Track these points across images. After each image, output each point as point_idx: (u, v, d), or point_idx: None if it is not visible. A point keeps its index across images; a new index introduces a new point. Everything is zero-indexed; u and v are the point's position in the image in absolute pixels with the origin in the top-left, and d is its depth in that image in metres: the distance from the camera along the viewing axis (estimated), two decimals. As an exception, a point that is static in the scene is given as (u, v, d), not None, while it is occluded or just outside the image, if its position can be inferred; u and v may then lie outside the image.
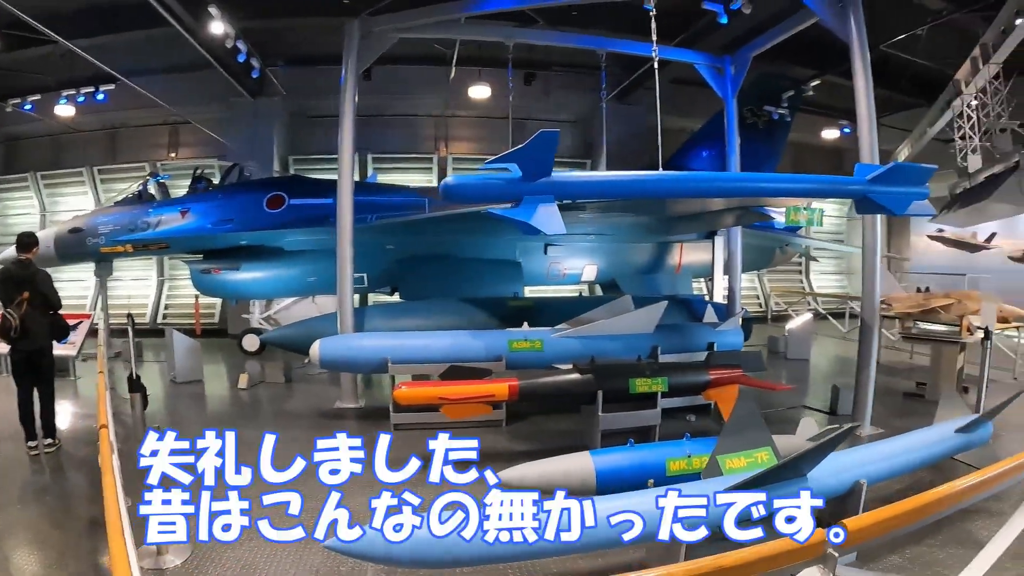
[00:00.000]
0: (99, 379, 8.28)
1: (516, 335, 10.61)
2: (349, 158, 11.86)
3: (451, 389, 8.51)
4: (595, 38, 13.93)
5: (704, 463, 6.00)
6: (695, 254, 17.61)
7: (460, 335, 10.78)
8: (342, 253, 11.66)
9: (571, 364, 9.25)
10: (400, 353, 10.38)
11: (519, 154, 7.13)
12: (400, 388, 8.44)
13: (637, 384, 8.89)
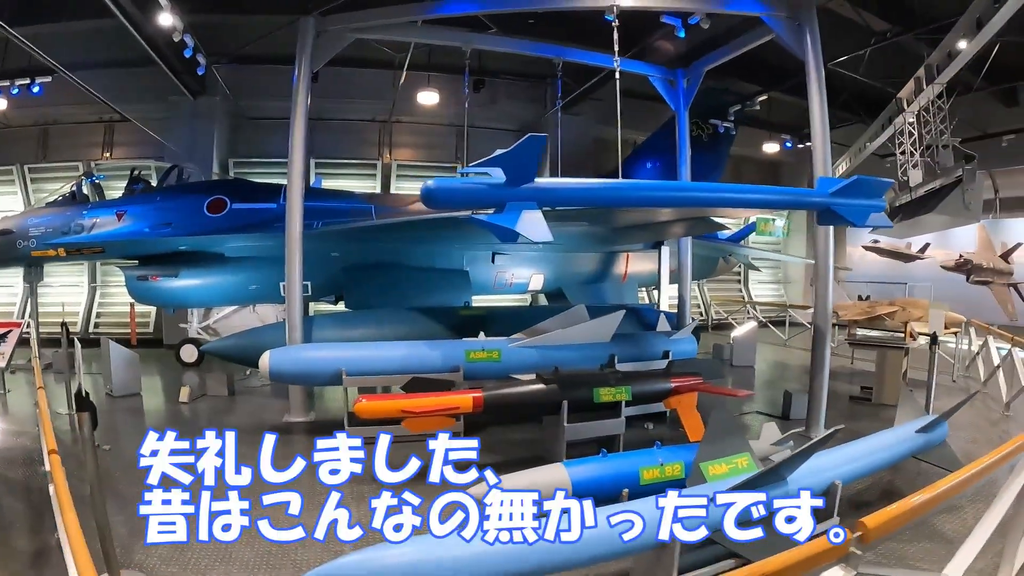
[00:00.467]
0: (39, 395, 7.73)
1: (474, 345, 10.38)
2: (300, 161, 11.51)
3: (414, 402, 8.23)
4: (552, 46, 13.62)
5: (676, 471, 6.31)
6: (641, 264, 17.62)
7: (416, 345, 10.46)
8: (291, 260, 11.30)
9: (534, 374, 9.03)
10: (355, 364, 10.05)
11: (505, 158, 6.86)
12: (361, 401, 8.07)
13: (601, 393, 8.81)
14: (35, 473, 8.32)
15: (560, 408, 8.62)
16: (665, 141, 18.04)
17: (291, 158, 11.33)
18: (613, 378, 9.14)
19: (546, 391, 8.65)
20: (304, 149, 11.44)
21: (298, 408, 11.29)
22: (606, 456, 6.45)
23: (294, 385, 11.09)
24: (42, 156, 19.50)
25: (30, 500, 7.49)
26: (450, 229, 13.65)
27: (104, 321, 19.35)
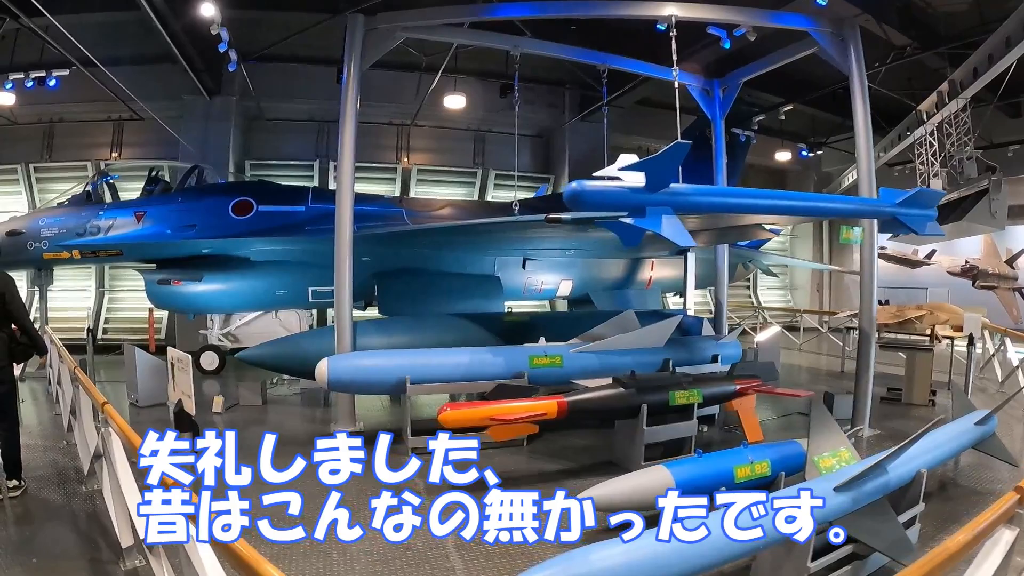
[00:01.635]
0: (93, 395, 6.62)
1: (536, 351, 9.67)
2: (350, 164, 10.51)
3: (501, 409, 7.62)
4: (597, 53, 12.86)
5: (764, 468, 6.41)
6: (664, 270, 16.98)
7: (479, 351, 9.68)
8: (340, 265, 10.33)
9: (610, 379, 8.56)
10: (420, 371, 9.14)
11: (649, 164, 6.47)
12: (447, 410, 7.44)
13: (676, 396, 8.49)
14: (77, 493, 7.40)
15: (638, 412, 8.24)
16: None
17: (341, 160, 10.45)
18: (685, 381, 8.82)
19: (626, 395, 8.26)
20: (353, 151, 10.56)
21: (345, 418, 10.37)
22: (702, 456, 6.40)
23: (351, 394, 10.18)
24: (48, 155, 18.23)
25: (77, 525, 6.65)
26: (484, 234, 12.88)
27: (113, 327, 18.06)
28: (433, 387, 9.39)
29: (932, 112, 16.07)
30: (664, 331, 10.20)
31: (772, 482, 6.46)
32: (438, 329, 11.46)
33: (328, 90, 17.51)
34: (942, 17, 15.87)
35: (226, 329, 14.84)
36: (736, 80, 13.54)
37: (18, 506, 7.04)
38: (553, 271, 15.45)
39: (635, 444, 8.29)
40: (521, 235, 12.90)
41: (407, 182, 19.11)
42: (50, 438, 9.64)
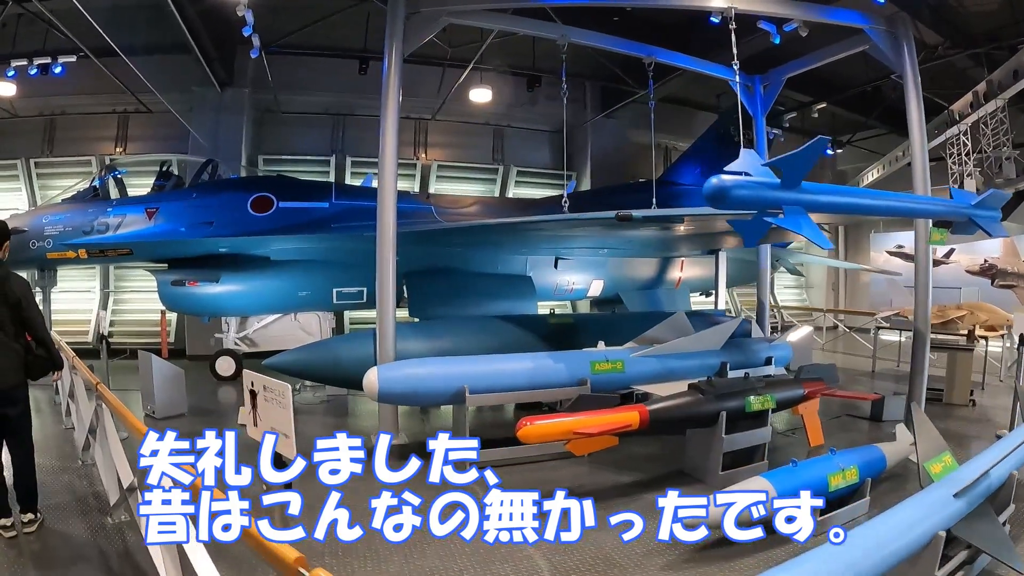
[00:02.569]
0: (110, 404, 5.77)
1: (597, 356, 8.90)
2: (392, 156, 9.27)
3: (584, 421, 6.80)
4: (646, 46, 11.92)
5: (852, 475, 6.29)
6: (692, 269, 16.02)
7: (540, 357, 8.81)
8: (383, 266, 9.18)
9: (686, 385, 7.90)
10: (479, 380, 8.21)
11: (790, 160, 5.83)
12: (527, 424, 6.54)
13: (752, 402, 7.80)
14: (102, 527, 6.27)
15: (716, 419, 7.52)
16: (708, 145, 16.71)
17: (383, 156, 9.21)
18: (760, 387, 8.14)
19: (705, 402, 7.55)
20: (395, 146, 9.28)
21: (387, 427, 9.15)
22: (797, 465, 6.06)
23: (401, 405, 9.11)
24: (49, 150, 16.80)
25: (105, 563, 5.64)
26: (520, 233, 11.83)
27: (118, 330, 16.65)
28: (494, 397, 8.49)
29: (966, 112, 15.68)
30: (723, 334, 9.59)
31: (858, 488, 6.45)
32: (481, 332, 10.60)
33: (345, 83, 16.49)
34: (972, 16, 15.11)
35: (243, 333, 13.59)
36: (779, 76, 12.86)
37: (35, 542, 5.92)
38: (584, 271, 14.44)
39: (712, 453, 7.59)
40: (556, 233, 11.87)
41: (426, 178, 17.88)
42: (63, 457, 8.49)
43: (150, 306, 16.57)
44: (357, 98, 16.75)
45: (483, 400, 8.41)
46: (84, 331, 16.32)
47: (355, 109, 17.31)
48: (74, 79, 15.14)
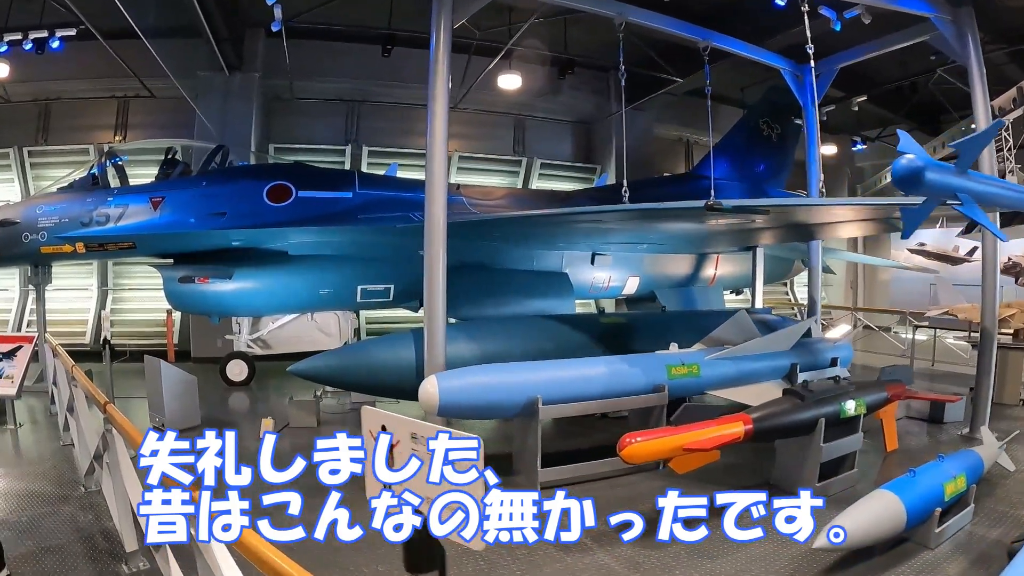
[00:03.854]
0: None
1: (672, 359, 7.97)
2: (442, 141, 7.81)
3: (691, 436, 6.06)
4: (703, 29, 10.75)
5: (961, 484, 5.79)
6: (727, 266, 14.69)
7: (614, 362, 7.74)
8: (432, 264, 7.85)
9: (780, 391, 7.53)
10: (552, 389, 7.06)
11: (969, 144, 5.27)
12: (631, 442, 5.79)
13: (847, 408, 7.07)
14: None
15: (813, 427, 6.71)
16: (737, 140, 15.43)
17: (432, 137, 7.77)
18: (852, 391, 7.43)
19: (805, 408, 6.77)
20: (445, 125, 7.79)
21: None
22: (915, 475, 5.57)
23: (463, 419, 7.81)
24: (43, 138, 15.12)
25: None
26: (565, 226, 10.57)
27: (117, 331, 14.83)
28: (570, 408, 7.25)
29: (1008, 108, 14.45)
30: (793, 335, 8.69)
31: (965, 495, 5.92)
32: (530, 334, 9.18)
33: (362, 68, 14.99)
34: (1005, 11, 14.03)
35: (255, 334, 11.97)
36: (831, 66, 11.76)
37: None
38: (621, 267, 12.99)
39: (807, 463, 6.79)
40: (596, 227, 10.56)
41: (448, 169, 16.19)
42: (62, 482, 7.04)
43: (151, 305, 15.01)
44: (374, 84, 15.27)
45: (557, 412, 7.16)
46: (81, 332, 14.68)
47: (372, 96, 15.80)
48: (71, 62, 13.70)
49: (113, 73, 14.13)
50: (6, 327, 14.64)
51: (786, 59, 12.33)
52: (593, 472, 7.04)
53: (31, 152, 14.80)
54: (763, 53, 11.93)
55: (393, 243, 10.73)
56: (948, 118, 18.85)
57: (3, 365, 9.32)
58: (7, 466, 7.51)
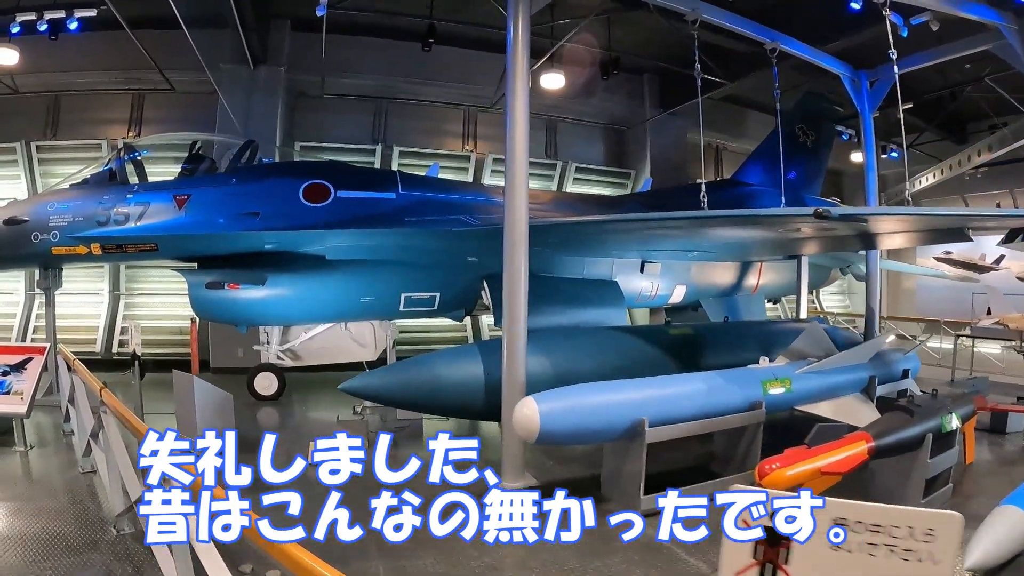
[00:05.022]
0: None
1: (766, 373, 7.28)
2: (523, 138, 6.83)
3: (824, 458, 5.42)
4: (769, 30, 10.21)
5: None
6: (768, 275, 13.73)
7: (712, 378, 6.97)
8: (513, 273, 6.95)
9: (863, 403, 7.48)
10: (656, 409, 6.21)
11: None
12: (771, 469, 5.16)
13: (947, 421, 6.52)
14: None
15: (920, 443, 6.08)
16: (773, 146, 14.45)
17: (512, 133, 6.77)
18: (950, 404, 6.85)
19: (914, 424, 6.18)
20: (526, 130, 6.83)
21: (513, 468, 6.71)
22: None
23: (563, 445, 6.89)
24: (53, 132, 13.68)
25: None
26: (618, 232, 9.65)
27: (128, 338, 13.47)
28: (674, 429, 6.34)
29: None
30: (873, 347, 8.35)
31: None
32: (600, 347, 8.24)
33: (390, 65, 13.78)
34: None
35: (286, 344, 10.65)
36: (889, 73, 10.77)
37: None
38: (669, 275, 11.90)
39: (912, 480, 6.15)
40: (648, 234, 9.65)
41: (479, 172, 15.10)
42: (87, 522, 5.72)
43: (167, 311, 13.65)
44: (404, 82, 14.05)
45: (663, 434, 6.22)
46: (91, 339, 13.27)
47: (401, 94, 14.56)
48: (83, 52, 12.55)
49: (127, 65, 12.92)
50: (10, 333, 13.25)
51: (844, 64, 11.73)
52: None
53: (39, 147, 13.35)
54: (824, 57, 11.30)
55: (441, 248, 9.56)
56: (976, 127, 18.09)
57: (11, 379, 8.02)
58: (18, 500, 6.19)
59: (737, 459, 6.98)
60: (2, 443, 7.81)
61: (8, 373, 8.05)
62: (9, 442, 7.75)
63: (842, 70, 11.57)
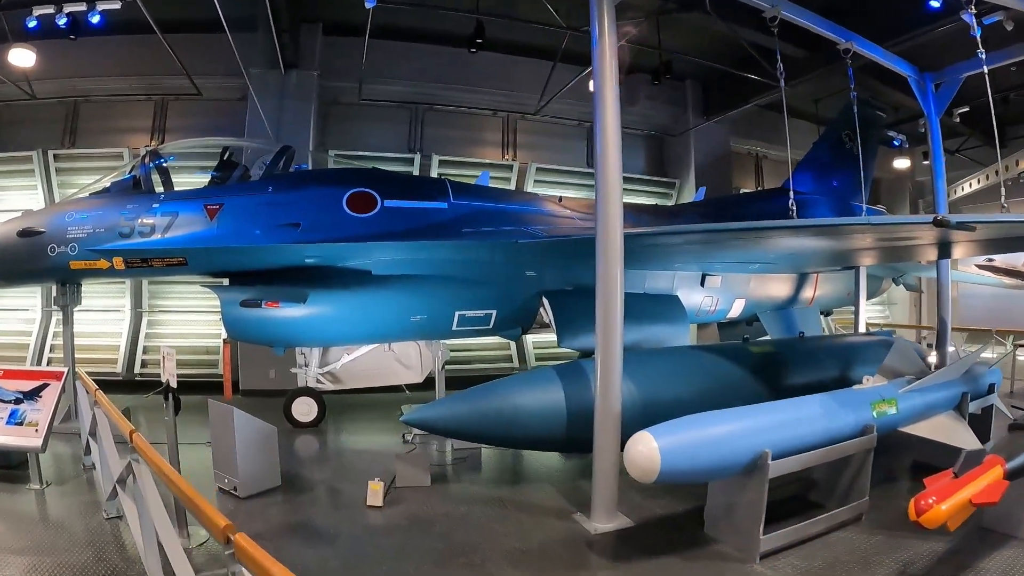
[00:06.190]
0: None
1: (872, 394, 6.39)
2: (615, 144, 5.82)
3: (974, 488, 4.64)
4: (844, 30, 9.05)
5: None
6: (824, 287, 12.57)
7: (825, 401, 5.97)
8: (608, 288, 5.86)
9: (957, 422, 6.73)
10: (779, 439, 5.26)
11: None
12: (929, 505, 4.35)
13: None
14: None
15: None
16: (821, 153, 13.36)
17: (603, 138, 5.80)
18: None
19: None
20: (618, 135, 5.81)
21: (604, 509, 5.75)
22: None
23: (683, 485, 5.69)
24: (71, 141, 12.42)
25: None
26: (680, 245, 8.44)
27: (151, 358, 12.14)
28: (797, 460, 5.35)
29: None
30: (967, 362, 7.45)
31: None
32: (685, 368, 7.23)
33: (426, 71, 12.69)
34: None
35: (326, 367, 9.35)
36: (955, 75, 10.40)
37: None
38: (728, 289, 10.72)
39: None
40: (713, 246, 8.46)
41: (520, 182, 13.80)
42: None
43: (191, 329, 12.34)
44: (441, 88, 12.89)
45: (786, 467, 5.23)
46: (111, 359, 11.94)
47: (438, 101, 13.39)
48: (102, 58, 11.51)
49: (150, 70, 11.80)
50: (25, 352, 11.96)
51: (910, 66, 10.56)
52: (809, 533, 5.41)
53: (57, 155, 12.07)
54: (894, 59, 10.20)
55: (499, 262, 8.36)
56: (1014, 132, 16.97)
57: (25, 407, 6.83)
58: (35, 552, 5.01)
59: (842, 488, 5.97)
60: (15, 478, 6.66)
61: (22, 401, 6.89)
62: (23, 477, 6.59)
63: (908, 72, 10.47)
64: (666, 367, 7.06)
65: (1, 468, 6.88)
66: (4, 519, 5.70)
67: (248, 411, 6.66)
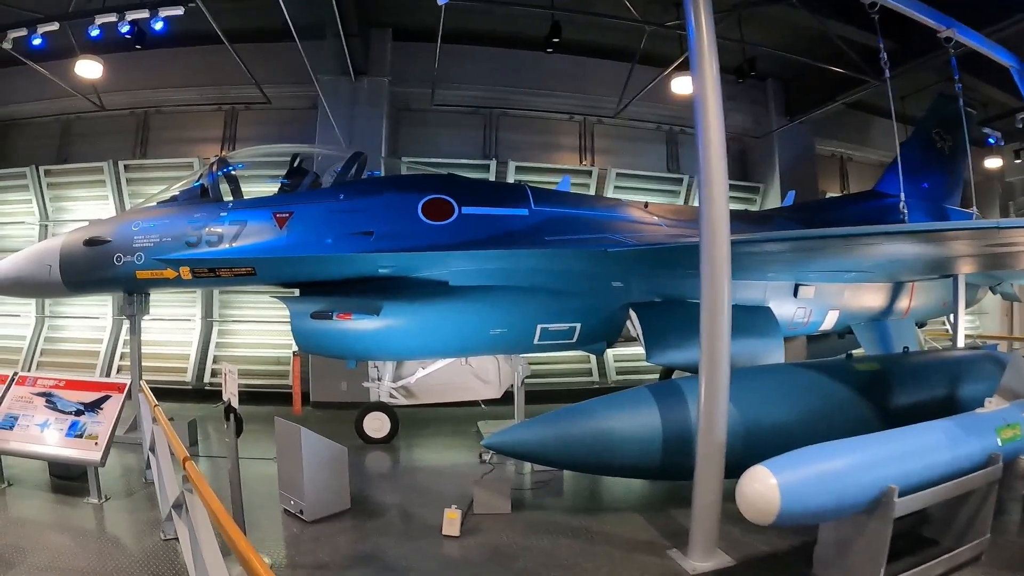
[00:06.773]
0: None
1: (996, 418, 5.46)
2: (719, 142, 5.11)
3: None
4: (944, 16, 8.12)
5: None
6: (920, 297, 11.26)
7: (948, 427, 5.13)
8: (715, 299, 5.10)
9: None
10: (904, 471, 4.44)
11: None
12: None
13: None
14: None
15: None
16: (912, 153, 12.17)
17: (705, 138, 5.07)
18: None
19: None
20: (720, 119, 5.08)
21: (702, 546, 5.03)
22: None
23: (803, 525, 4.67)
24: (142, 151, 12.16)
25: None
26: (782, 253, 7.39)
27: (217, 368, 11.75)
28: (925, 497, 4.54)
29: None
30: None
31: None
32: (783, 387, 6.41)
33: (498, 75, 12.19)
34: None
35: (400, 381, 8.69)
36: None
37: None
38: (822, 299, 9.63)
39: None
40: (814, 252, 7.42)
41: (600, 188, 12.97)
42: None
43: (261, 340, 11.91)
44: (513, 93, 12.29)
45: (913, 504, 4.45)
46: (181, 368, 11.57)
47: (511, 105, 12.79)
48: (171, 69, 11.27)
49: (218, 80, 11.50)
50: (96, 359, 11.68)
51: (1013, 56, 9.52)
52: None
53: (128, 166, 11.82)
54: (995, 47, 9.26)
55: (585, 272, 7.60)
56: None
57: (85, 420, 6.42)
58: (87, 572, 4.62)
59: (961, 523, 5.09)
60: (75, 491, 6.27)
61: (82, 412, 6.48)
62: (83, 490, 6.19)
63: (1010, 61, 9.47)
64: (766, 386, 6.27)
65: (62, 479, 6.55)
66: (60, 534, 5.32)
67: (319, 424, 6.07)
